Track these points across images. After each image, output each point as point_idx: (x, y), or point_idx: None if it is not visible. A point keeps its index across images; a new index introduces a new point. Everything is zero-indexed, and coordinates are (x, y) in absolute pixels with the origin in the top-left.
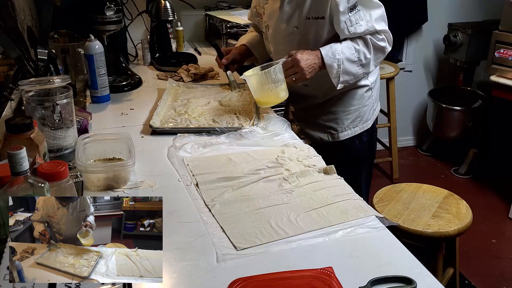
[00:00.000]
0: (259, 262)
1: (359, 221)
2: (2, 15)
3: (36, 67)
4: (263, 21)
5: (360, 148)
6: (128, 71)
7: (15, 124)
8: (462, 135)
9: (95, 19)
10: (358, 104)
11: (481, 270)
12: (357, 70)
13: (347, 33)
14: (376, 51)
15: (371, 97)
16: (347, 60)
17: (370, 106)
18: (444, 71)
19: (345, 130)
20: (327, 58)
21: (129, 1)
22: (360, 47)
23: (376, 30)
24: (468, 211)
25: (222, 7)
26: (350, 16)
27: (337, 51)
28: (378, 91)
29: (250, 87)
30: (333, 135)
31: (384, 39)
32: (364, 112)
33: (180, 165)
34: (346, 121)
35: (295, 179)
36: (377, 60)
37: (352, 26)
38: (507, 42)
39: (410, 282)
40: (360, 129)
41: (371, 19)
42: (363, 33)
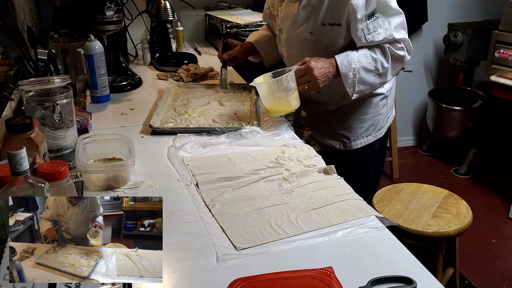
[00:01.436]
0: (259, 262)
1: (359, 221)
2: (2, 15)
3: (36, 67)
4: (277, 24)
5: (371, 156)
6: (128, 71)
7: (15, 124)
8: (462, 135)
9: (95, 19)
10: (372, 113)
11: (481, 270)
12: (374, 80)
13: (364, 41)
14: (394, 61)
15: (386, 105)
16: (364, 69)
17: (384, 114)
18: (444, 71)
19: (358, 139)
20: (343, 67)
21: (129, 1)
22: (377, 56)
23: (395, 38)
24: (468, 211)
25: (222, 7)
26: (368, 23)
27: (353, 59)
28: (393, 98)
29: (260, 94)
30: (345, 143)
31: (403, 48)
32: (378, 120)
33: (180, 165)
34: (360, 129)
35: (295, 179)
36: (395, 69)
37: (370, 34)
38: (507, 42)
39: (410, 282)
40: (373, 138)
41: (390, 27)
42: (381, 42)
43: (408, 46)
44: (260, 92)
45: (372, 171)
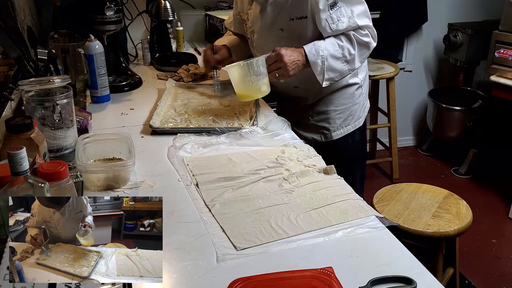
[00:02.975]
0: (259, 262)
1: (359, 221)
2: (2, 15)
3: (36, 67)
4: (248, 27)
5: (353, 147)
6: (128, 71)
7: (15, 124)
8: (462, 135)
9: (95, 19)
10: (349, 103)
11: (481, 270)
12: (342, 67)
13: (329, 30)
14: (360, 47)
15: (361, 95)
16: (331, 56)
17: (361, 104)
18: (444, 71)
19: (338, 129)
20: (311, 55)
21: (129, 1)
22: (343, 43)
23: (359, 25)
24: (468, 211)
25: (222, 7)
26: (331, 13)
27: (320, 48)
28: (367, 88)
29: (232, 79)
30: (326, 135)
31: (368, 35)
32: (355, 110)
33: (180, 165)
34: (338, 120)
35: (295, 179)
36: (362, 56)
37: (334, 24)
38: (507, 42)
39: (410, 282)
40: (352, 127)
41: (352, 15)
42: (345, 30)
43: (372, 33)
44: (231, 77)
45: (357, 166)
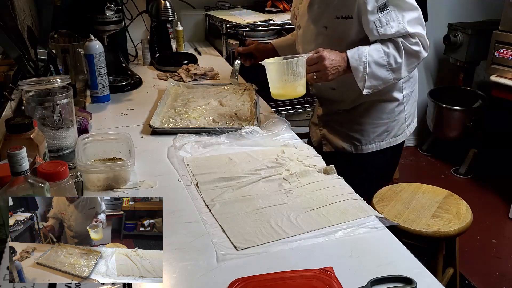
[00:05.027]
0: (259, 262)
1: (359, 221)
2: (2, 15)
3: (36, 67)
4: (297, 22)
5: (383, 165)
6: (128, 71)
7: (15, 124)
8: (462, 135)
9: (95, 19)
10: (387, 118)
11: (481, 270)
12: (387, 75)
13: (376, 34)
14: (408, 56)
15: (402, 112)
16: (375, 63)
17: (400, 121)
18: (444, 71)
19: (370, 143)
20: (353, 61)
21: (129, 1)
22: (390, 50)
23: (409, 32)
24: (468, 211)
25: (222, 7)
26: (380, 16)
27: (363, 53)
28: (412, 106)
29: (268, 75)
30: (357, 146)
31: (418, 43)
32: (392, 127)
33: (180, 165)
34: (373, 134)
35: (295, 179)
36: (410, 65)
37: (382, 27)
38: (507, 42)
39: (410, 282)
40: (386, 144)
41: (403, 20)
42: (393, 35)
43: (424, 42)
44: (268, 73)
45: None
